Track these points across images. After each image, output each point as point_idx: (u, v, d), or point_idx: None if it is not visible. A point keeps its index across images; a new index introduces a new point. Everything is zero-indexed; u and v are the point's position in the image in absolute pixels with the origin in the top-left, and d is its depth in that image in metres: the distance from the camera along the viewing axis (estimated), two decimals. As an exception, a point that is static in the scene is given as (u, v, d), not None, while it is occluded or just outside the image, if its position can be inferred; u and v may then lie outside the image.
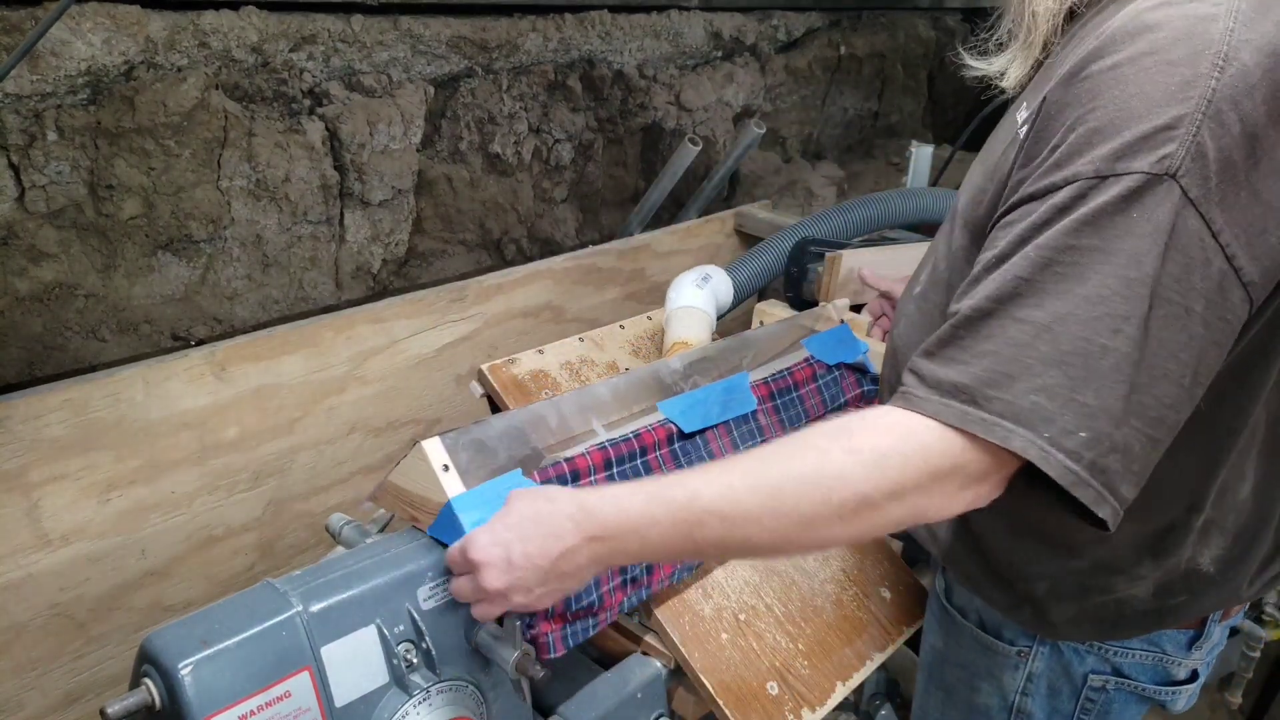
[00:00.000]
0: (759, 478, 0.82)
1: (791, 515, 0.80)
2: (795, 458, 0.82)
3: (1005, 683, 1.10)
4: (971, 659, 1.13)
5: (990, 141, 0.99)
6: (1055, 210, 0.77)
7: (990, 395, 0.76)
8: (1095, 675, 1.06)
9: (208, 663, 0.81)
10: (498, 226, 2.42)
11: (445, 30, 2.13)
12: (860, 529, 0.81)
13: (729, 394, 1.26)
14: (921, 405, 0.79)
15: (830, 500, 0.79)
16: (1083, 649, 1.05)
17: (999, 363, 0.77)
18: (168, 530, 1.46)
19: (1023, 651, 1.08)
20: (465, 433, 1.02)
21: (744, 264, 1.97)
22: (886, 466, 0.78)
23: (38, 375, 1.67)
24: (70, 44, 1.56)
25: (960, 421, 0.77)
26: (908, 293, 1.13)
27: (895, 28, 3.74)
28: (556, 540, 0.86)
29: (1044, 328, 0.75)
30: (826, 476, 0.79)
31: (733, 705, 1.14)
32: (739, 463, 0.85)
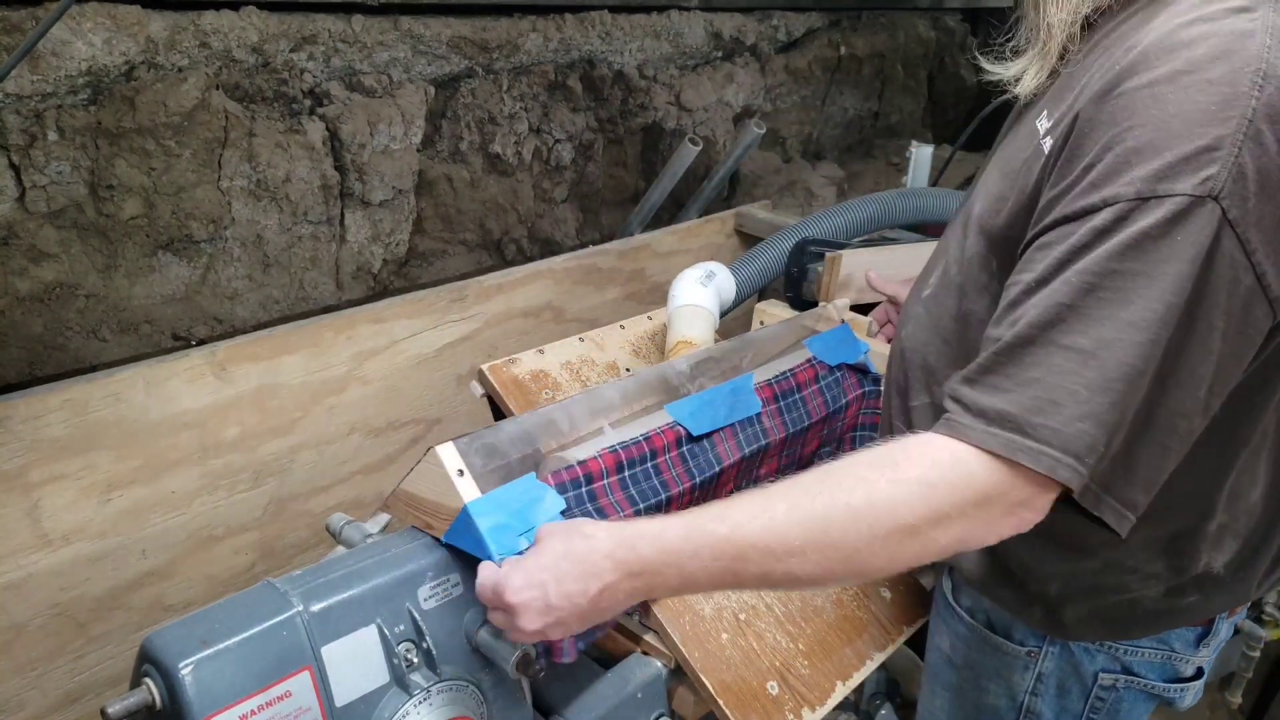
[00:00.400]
0: (804, 511, 0.81)
1: (837, 547, 0.80)
2: (840, 489, 0.81)
3: (1014, 683, 1.10)
4: (979, 659, 1.13)
5: (1006, 147, 0.98)
6: (1095, 233, 0.76)
7: (1037, 423, 0.77)
8: (1105, 674, 1.06)
9: (208, 662, 0.81)
10: (498, 226, 2.42)
11: (445, 30, 2.14)
12: (905, 559, 0.81)
13: (735, 396, 1.26)
14: (967, 433, 0.79)
15: (876, 531, 0.79)
16: (1093, 648, 1.06)
17: (1045, 390, 0.77)
18: (168, 530, 1.46)
19: (1032, 651, 1.08)
20: (478, 437, 1.02)
21: (744, 264, 1.97)
22: (932, 496, 0.79)
23: (38, 375, 1.67)
24: (71, 44, 1.56)
25: (1007, 450, 0.77)
26: (915, 294, 1.13)
27: (895, 28, 3.74)
28: (596, 579, 0.84)
29: (1090, 354, 0.76)
30: (872, 507, 0.79)
31: (733, 705, 1.14)
32: (781, 494, 0.84)
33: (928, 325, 1.06)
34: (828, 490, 0.82)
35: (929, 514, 0.78)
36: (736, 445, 1.23)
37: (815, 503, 0.81)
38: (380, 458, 1.75)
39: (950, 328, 1.02)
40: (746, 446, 1.24)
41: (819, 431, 1.37)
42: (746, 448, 1.24)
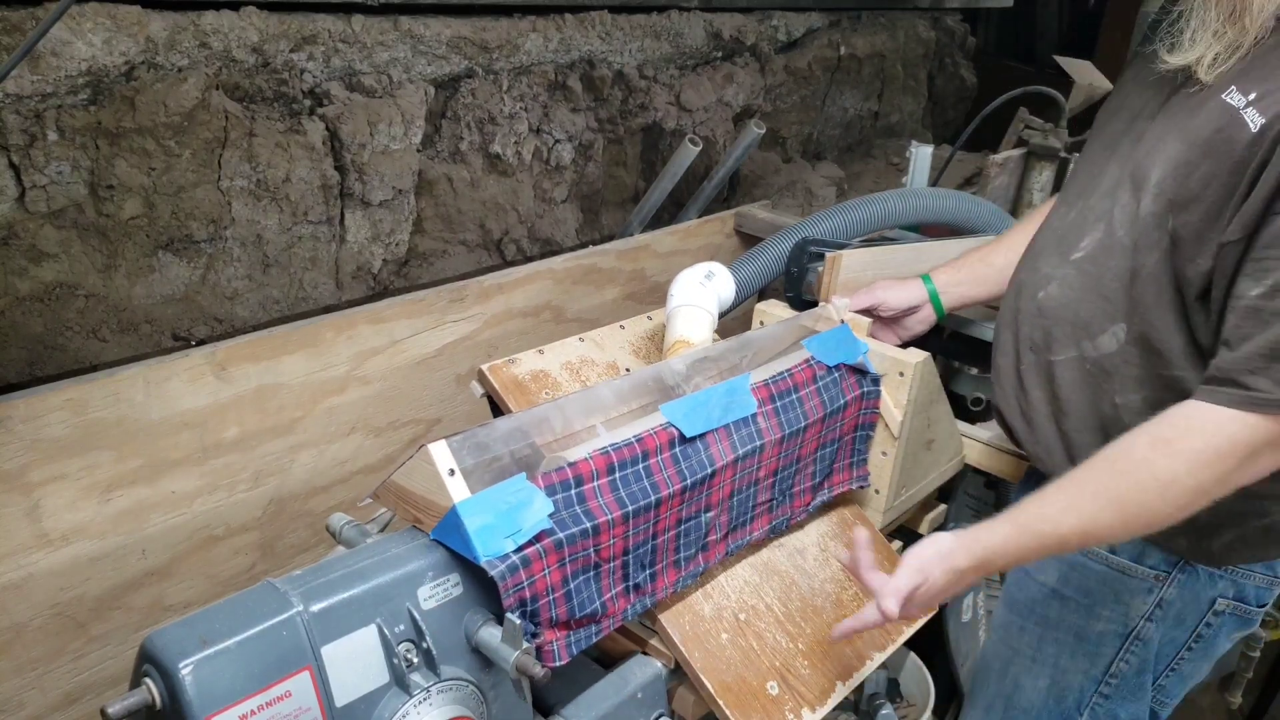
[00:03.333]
0: (1108, 497, 1.02)
1: (1137, 518, 1.01)
2: (1129, 473, 1.01)
3: (1133, 607, 1.22)
4: (1096, 587, 1.24)
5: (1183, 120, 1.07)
6: None
7: None
8: (1221, 600, 1.19)
9: (208, 662, 0.81)
10: (498, 226, 2.42)
11: (445, 30, 2.13)
12: (1191, 512, 1.01)
13: (730, 396, 1.26)
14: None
15: (1167, 499, 0.99)
16: (1217, 574, 1.18)
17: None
18: (168, 530, 1.46)
19: (1160, 576, 1.20)
20: (470, 435, 1.02)
21: (744, 264, 1.97)
22: (1213, 463, 0.98)
23: (38, 375, 1.67)
24: (71, 44, 1.56)
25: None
26: (1056, 256, 1.23)
27: (895, 28, 3.74)
28: (963, 587, 1.12)
29: None
30: (1160, 483, 0.99)
31: (733, 705, 1.14)
32: (1086, 484, 1.04)
33: (1083, 284, 1.18)
34: (1120, 477, 1.01)
35: (1211, 477, 0.98)
36: (730, 446, 1.22)
37: (1112, 489, 1.01)
38: (380, 458, 1.75)
39: (1114, 285, 1.15)
40: (740, 447, 1.23)
41: (817, 432, 1.37)
42: (740, 449, 1.23)
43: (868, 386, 1.44)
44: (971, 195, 2.24)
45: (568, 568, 1.03)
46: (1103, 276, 1.15)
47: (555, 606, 1.02)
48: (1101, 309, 1.16)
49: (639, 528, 1.11)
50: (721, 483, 1.22)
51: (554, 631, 1.03)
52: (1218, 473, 0.98)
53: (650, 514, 1.12)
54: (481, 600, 0.98)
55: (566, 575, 1.03)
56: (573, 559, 1.04)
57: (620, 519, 1.08)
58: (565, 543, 1.02)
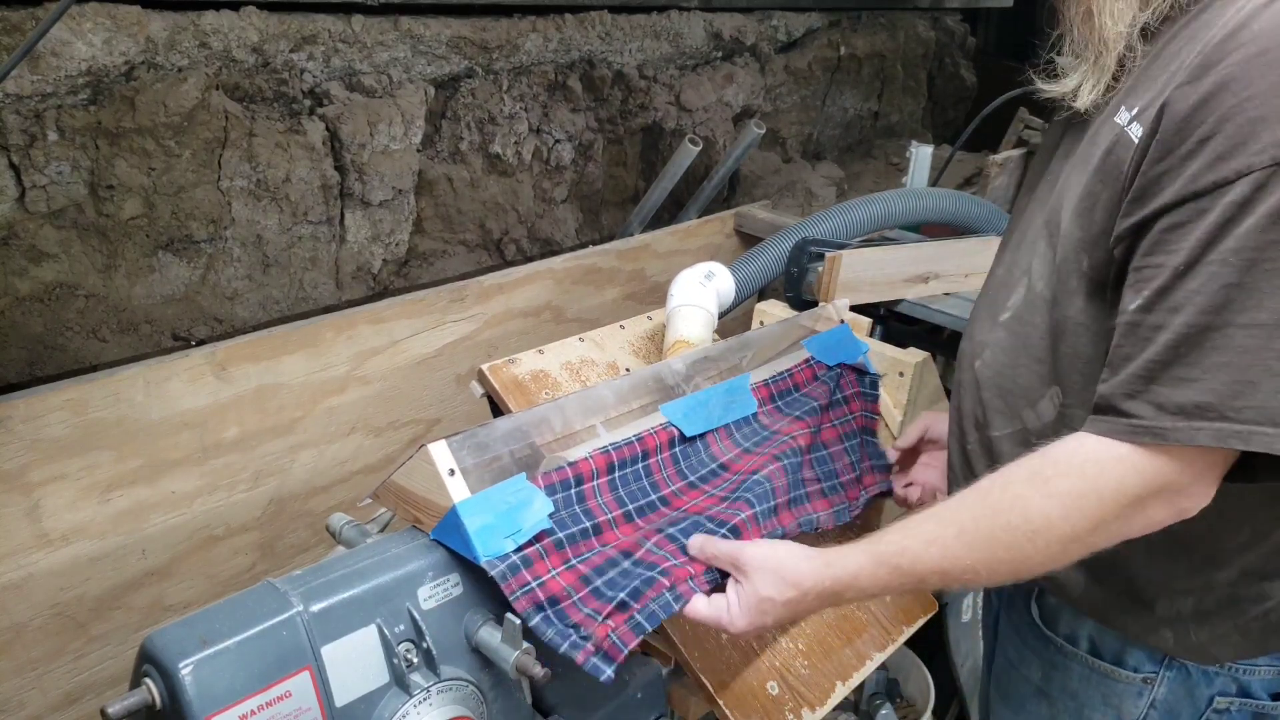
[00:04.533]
0: (973, 536, 0.90)
1: (1004, 563, 0.89)
2: (1000, 512, 0.89)
3: (1125, 711, 1.08)
4: (1081, 689, 1.11)
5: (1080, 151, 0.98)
6: (1236, 207, 0.78)
7: (1239, 406, 0.78)
8: (1221, 698, 1.05)
9: (208, 662, 0.81)
10: (498, 226, 2.42)
11: (445, 30, 2.13)
12: (1069, 560, 0.88)
13: (730, 396, 1.26)
14: (1175, 435, 0.81)
15: (1038, 544, 0.87)
16: (1213, 671, 1.04)
17: (1237, 372, 0.78)
18: (168, 530, 1.46)
19: (1148, 678, 1.06)
20: (470, 435, 1.02)
21: (744, 264, 1.97)
22: (1086, 507, 0.85)
23: (38, 375, 1.67)
24: (71, 44, 1.56)
25: (1216, 440, 0.79)
26: (988, 321, 1.10)
27: (895, 28, 3.74)
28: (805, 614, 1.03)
29: (1273, 328, 0.77)
30: (1032, 525, 0.87)
31: (733, 705, 1.14)
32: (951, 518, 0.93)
33: (1012, 348, 1.05)
34: (990, 512, 0.90)
35: (1086, 523, 0.85)
36: (731, 445, 1.22)
37: (980, 526, 0.90)
38: (380, 458, 1.75)
39: (1041, 344, 1.02)
40: (740, 446, 1.23)
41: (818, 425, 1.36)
42: (740, 447, 1.23)
43: (867, 387, 1.44)
44: (971, 195, 2.24)
45: (580, 568, 1.01)
46: (1030, 336, 1.02)
47: (586, 604, 0.97)
48: (1035, 372, 1.02)
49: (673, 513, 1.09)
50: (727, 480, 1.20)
51: (605, 625, 0.96)
52: (1095, 519, 0.84)
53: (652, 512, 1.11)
54: (481, 600, 0.98)
55: (584, 574, 1.00)
56: (582, 559, 1.02)
57: (621, 519, 1.08)
58: (566, 543, 1.01)
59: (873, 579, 0.94)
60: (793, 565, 0.96)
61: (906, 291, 1.81)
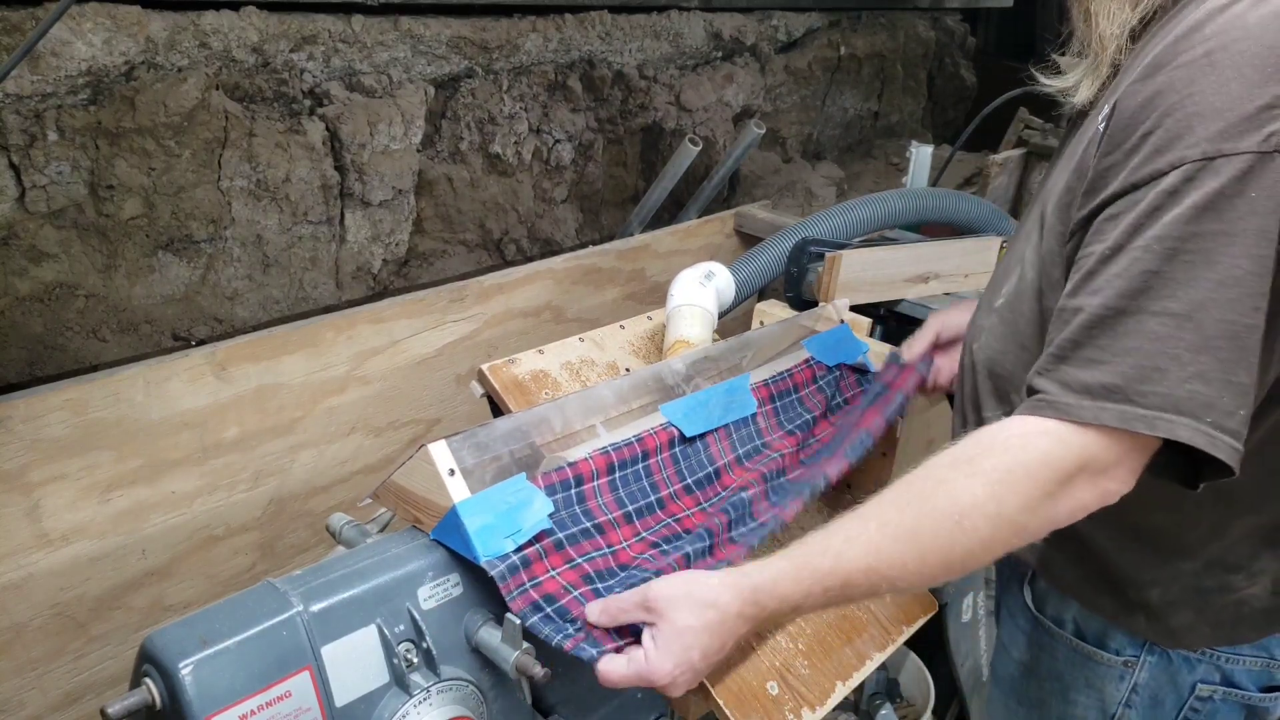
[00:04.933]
0: (895, 526, 0.85)
1: (933, 552, 0.84)
2: (925, 497, 0.85)
3: (1107, 694, 1.09)
4: (1066, 671, 1.12)
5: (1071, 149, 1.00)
6: (1165, 195, 0.78)
7: (1145, 391, 0.78)
8: (1204, 685, 1.05)
9: (208, 662, 0.81)
10: (498, 226, 2.42)
11: (445, 30, 2.13)
12: (999, 549, 0.84)
13: (730, 396, 1.26)
14: (1078, 412, 0.81)
15: (965, 529, 0.82)
16: (1194, 657, 1.04)
17: (1146, 358, 0.79)
18: (168, 530, 1.46)
19: (1129, 661, 1.06)
20: (470, 435, 1.02)
21: (744, 264, 1.97)
22: (1013, 483, 0.81)
23: (38, 375, 1.67)
24: (71, 44, 1.56)
25: (1121, 421, 0.79)
26: (985, 307, 1.13)
27: (895, 28, 3.74)
28: (731, 637, 0.90)
29: (1185, 317, 0.78)
30: (958, 507, 0.82)
31: (733, 705, 1.14)
32: (873, 513, 0.87)
33: (1003, 334, 1.07)
34: (915, 499, 0.85)
35: (1014, 502, 0.81)
36: (731, 446, 1.22)
37: (904, 515, 0.85)
38: (380, 458, 1.75)
39: (1029, 331, 1.04)
40: (741, 447, 1.23)
41: (819, 429, 1.36)
42: (740, 448, 1.23)
43: (868, 386, 1.44)
44: (971, 195, 2.24)
45: (584, 567, 1.01)
46: (1018, 324, 1.05)
47: (587, 600, 0.97)
48: (1022, 359, 1.04)
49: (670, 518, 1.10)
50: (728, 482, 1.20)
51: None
52: (1024, 497, 0.81)
53: (650, 515, 1.11)
54: (481, 600, 0.98)
55: (587, 574, 1.00)
56: (587, 559, 1.02)
57: (621, 519, 1.08)
58: (566, 543, 1.01)
59: (795, 584, 0.87)
60: (703, 583, 0.90)
61: (906, 291, 1.80)
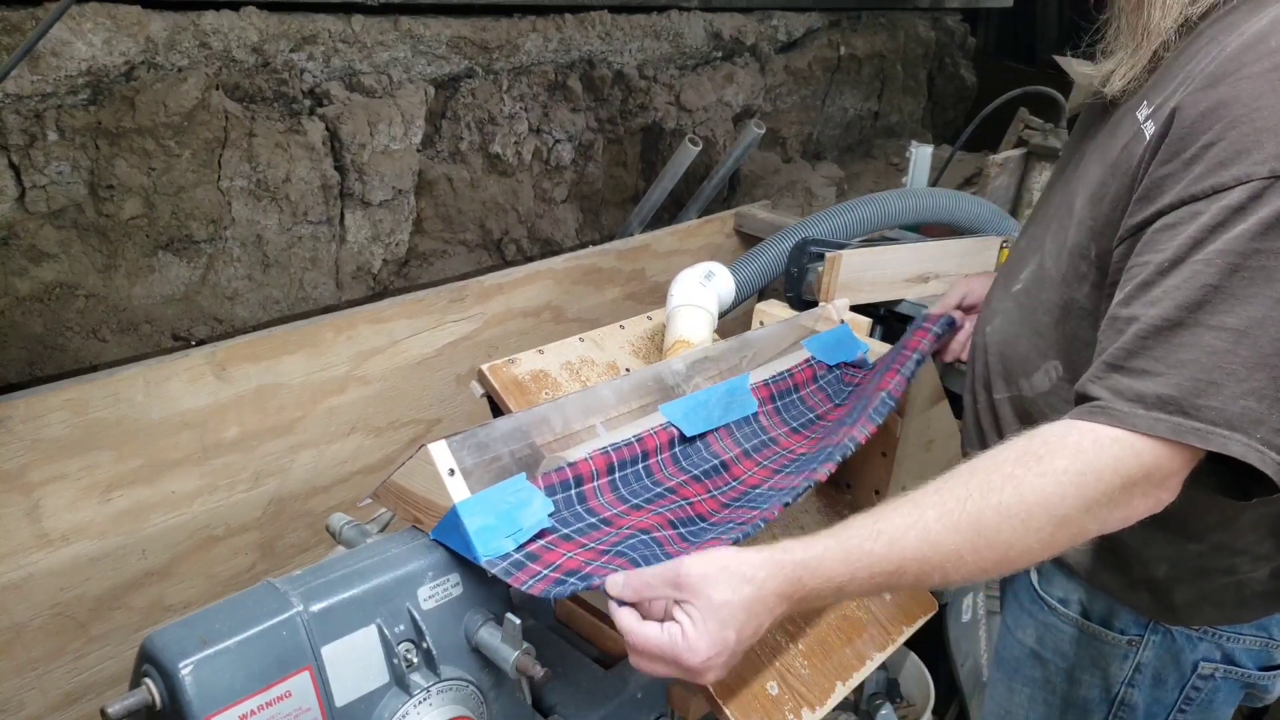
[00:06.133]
0: (956, 517, 0.83)
1: (992, 547, 0.82)
2: (990, 490, 0.83)
3: (1112, 672, 1.11)
4: (1073, 651, 1.14)
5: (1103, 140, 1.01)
6: (1229, 211, 0.78)
7: (1200, 405, 0.79)
8: (1206, 663, 1.07)
9: (208, 662, 0.81)
10: (498, 226, 2.42)
11: (445, 30, 2.14)
12: (1056, 548, 0.84)
13: (730, 396, 1.26)
14: (1132, 421, 0.81)
15: (1030, 526, 0.82)
16: (1196, 636, 1.07)
17: (1201, 371, 0.79)
18: (168, 530, 1.46)
19: (1133, 640, 1.09)
20: (470, 435, 1.02)
21: (744, 264, 1.97)
22: (1083, 485, 0.81)
23: (38, 375, 1.67)
24: (71, 44, 1.56)
25: (1174, 434, 0.80)
26: (1001, 291, 1.15)
27: (895, 28, 3.74)
28: (768, 616, 0.85)
29: (1242, 333, 0.78)
30: (1024, 504, 0.81)
31: (733, 705, 1.14)
32: (932, 501, 0.85)
33: (1018, 319, 1.09)
34: (977, 492, 0.83)
35: (1080, 503, 0.81)
36: (733, 443, 1.22)
37: (966, 506, 0.83)
38: (380, 458, 1.75)
39: (1045, 320, 1.05)
40: (746, 442, 1.23)
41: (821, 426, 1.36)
42: (746, 443, 1.23)
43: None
44: (971, 195, 2.24)
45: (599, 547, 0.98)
46: (1035, 310, 1.07)
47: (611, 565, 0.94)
48: (1035, 345, 1.07)
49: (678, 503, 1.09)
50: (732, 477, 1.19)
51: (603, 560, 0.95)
52: (1090, 499, 0.81)
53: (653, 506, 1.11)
54: (481, 600, 0.98)
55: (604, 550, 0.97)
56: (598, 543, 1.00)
57: (629, 509, 1.07)
58: (575, 535, 1.01)
59: (843, 565, 0.84)
60: (741, 559, 0.84)
61: (906, 291, 1.81)
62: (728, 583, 0.83)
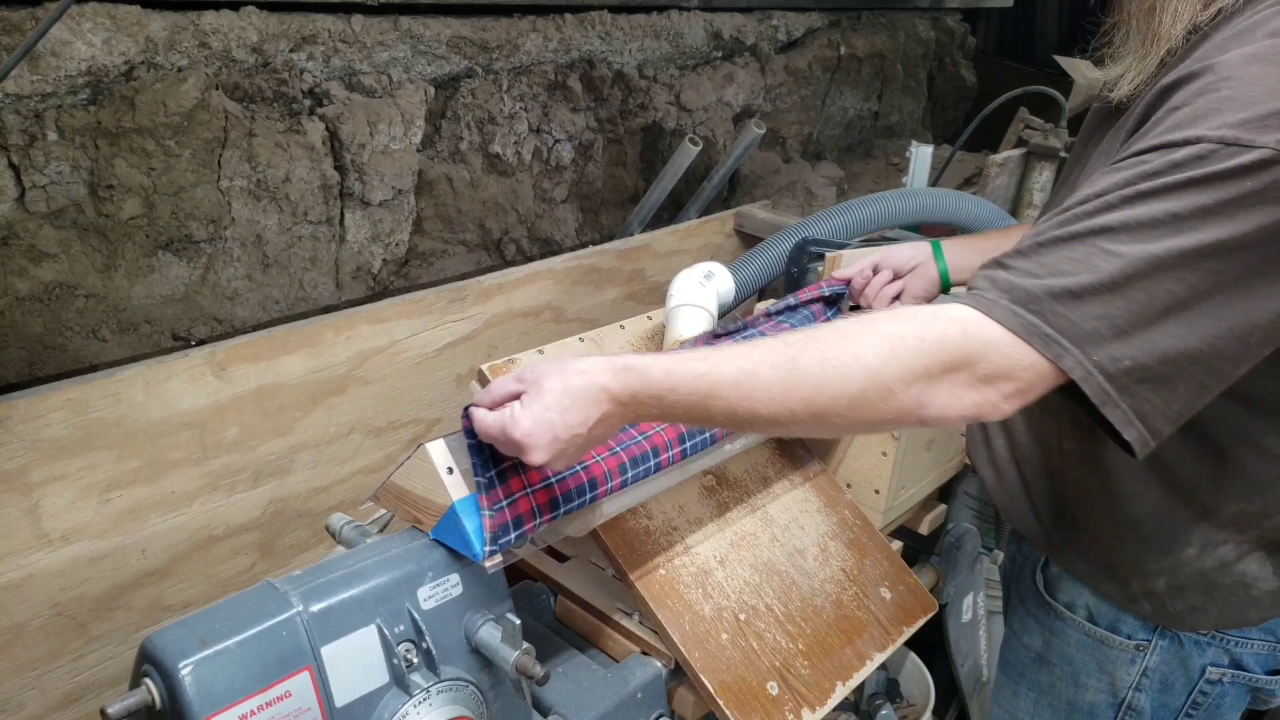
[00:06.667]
0: (778, 355, 0.83)
1: (799, 388, 0.82)
2: (814, 339, 0.84)
3: (1119, 678, 1.11)
4: (1077, 655, 1.13)
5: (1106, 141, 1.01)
6: (1170, 165, 0.78)
7: (1058, 311, 0.78)
8: (1214, 668, 1.07)
9: (208, 663, 0.81)
10: (498, 226, 2.42)
11: (445, 30, 2.14)
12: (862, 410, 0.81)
13: None
14: (990, 308, 0.80)
15: (840, 374, 0.81)
16: (1204, 640, 1.06)
17: (1076, 285, 0.78)
18: (168, 530, 1.46)
19: (1140, 645, 1.09)
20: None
21: (744, 264, 1.97)
22: (902, 349, 0.80)
23: (38, 375, 1.67)
24: (70, 44, 1.56)
25: (1023, 330, 0.79)
26: None
27: (895, 28, 3.74)
28: (595, 408, 0.87)
29: (1127, 263, 0.77)
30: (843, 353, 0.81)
31: (733, 705, 1.14)
32: (765, 343, 0.86)
33: None
34: (804, 339, 0.84)
35: (897, 366, 0.79)
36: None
37: (789, 350, 0.83)
38: (380, 458, 1.75)
39: None
40: None
41: None
42: None
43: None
44: (971, 195, 2.24)
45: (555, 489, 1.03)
46: None
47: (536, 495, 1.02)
48: None
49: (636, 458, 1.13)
50: None
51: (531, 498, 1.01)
52: (905, 366, 0.79)
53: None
54: (482, 600, 0.99)
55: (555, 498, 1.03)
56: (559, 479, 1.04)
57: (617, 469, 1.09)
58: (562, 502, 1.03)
59: (666, 375, 0.85)
60: (578, 359, 0.89)
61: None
62: (559, 373, 0.87)
